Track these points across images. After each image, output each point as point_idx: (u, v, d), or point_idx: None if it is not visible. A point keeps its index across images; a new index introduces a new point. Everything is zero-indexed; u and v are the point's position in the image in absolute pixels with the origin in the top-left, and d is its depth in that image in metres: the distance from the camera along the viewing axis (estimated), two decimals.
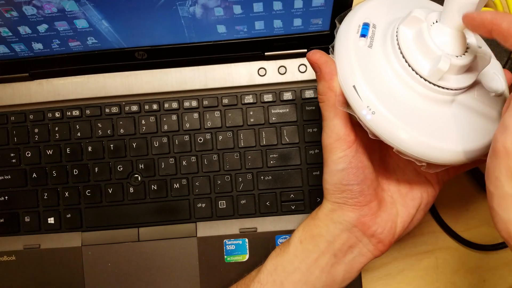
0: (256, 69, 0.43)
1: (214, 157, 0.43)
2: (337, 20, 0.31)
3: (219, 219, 0.43)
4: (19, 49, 0.41)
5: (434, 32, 0.27)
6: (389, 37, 0.28)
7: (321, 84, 0.31)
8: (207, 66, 0.44)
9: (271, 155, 0.43)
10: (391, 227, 0.33)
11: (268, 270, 0.34)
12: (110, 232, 0.43)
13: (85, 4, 0.36)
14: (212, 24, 0.39)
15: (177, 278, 0.42)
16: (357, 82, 0.27)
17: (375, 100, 0.27)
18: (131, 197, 0.43)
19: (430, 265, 0.44)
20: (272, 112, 0.43)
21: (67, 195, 0.43)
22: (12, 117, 0.44)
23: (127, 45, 0.41)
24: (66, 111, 0.44)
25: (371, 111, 0.27)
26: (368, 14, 0.30)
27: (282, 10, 0.38)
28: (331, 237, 0.32)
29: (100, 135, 0.43)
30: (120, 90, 0.44)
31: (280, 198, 0.42)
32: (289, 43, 0.42)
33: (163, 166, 0.43)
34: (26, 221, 0.43)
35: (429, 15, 0.27)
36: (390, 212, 0.33)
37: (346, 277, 0.33)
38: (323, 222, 0.33)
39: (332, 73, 0.30)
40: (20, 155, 0.44)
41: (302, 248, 0.33)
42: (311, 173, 0.42)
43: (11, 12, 0.37)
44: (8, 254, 0.43)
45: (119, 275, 0.42)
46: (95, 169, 0.43)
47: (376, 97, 0.27)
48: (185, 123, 0.43)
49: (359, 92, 0.27)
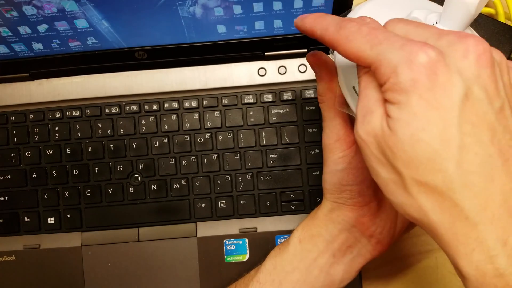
0: (256, 69, 0.43)
1: (214, 157, 0.43)
2: None
3: (219, 219, 0.43)
4: (19, 49, 0.41)
5: None
6: None
7: (320, 85, 0.31)
8: (207, 66, 0.44)
9: (271, 155, 0.43)
10: (390, 227, 0.33)
11: (267, 269, 0.34)
12: (110, 232, 0.43)
13: (85, 4, 0.36)
14: (212, 24, 0.39)
15: (177, 278, 0.42)
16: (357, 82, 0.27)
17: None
18: (131, 197, 0.43)
19: (430, 265, 0.44)
20: (272, 112, 0.43)
21: (67, 195, 0.43)
22: (12, 117, 0.44)
23: (127, 45, 0.41)
24: (66, 111, 0.44)
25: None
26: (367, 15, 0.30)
27: (282, 10, 0.38)
28: (330, 237, 0.32)
29: (100, 135, 0.43)
30: (120, 90, 0.44)
31: (280, 198, 0.42)
32: (289, 43, 0.42)
33: (163, 166, 0.43)
34: (26, 221, 0.43)
35: (429, 16, 0.27)
36: (389, 213, 0.33)
37: (345, 277, 0.33)
38: (322, 222, 0.33)
39: (332, 74, 0.30)
40: (20, 155, 0.44)
41: (301, 247, 0.33)
42: (311, 173, 0.42)
43: (11, 12, 0.37)
44: (8, 254, 0.43)
45: (119, 275, 0.42)
46: (95, 169, 0.43)
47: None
48: (185, 123, 0.43)
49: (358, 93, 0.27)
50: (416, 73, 0.20)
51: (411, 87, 0.20)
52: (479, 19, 0.42)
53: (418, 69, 0.20)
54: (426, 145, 0.20)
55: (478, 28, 0.42)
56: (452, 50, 0.21)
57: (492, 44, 0.41)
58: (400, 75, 0.21)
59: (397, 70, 0.21)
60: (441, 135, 0.20)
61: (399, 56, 0.21)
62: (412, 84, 0.20)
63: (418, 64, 0.20)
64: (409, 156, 0.21)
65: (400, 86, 0.21)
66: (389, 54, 0.21)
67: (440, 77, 0.20)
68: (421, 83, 0.20)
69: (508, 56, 0.41)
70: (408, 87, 0.20)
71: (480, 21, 0.42)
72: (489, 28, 0.42)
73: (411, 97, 0.20)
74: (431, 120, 0.20)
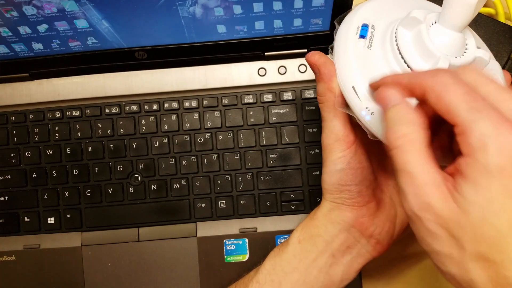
0: (256, 69, 0.43)
1: (214, 157, 0.43)
2: (336, 21, 0.31)
3: (219, 219, 0.43)
4: (19, 49, 0.41)
5: (433, 33, 0.27)
6: (388, 38, 0.28)
7: (320, 85, 0.31)
8: (207, 66, 0.44)
9: (271, 155, 0.43)
10: (389, 228, 0.33)
11: (266, 270, 0.34)
12: (110, 232, 0.43)
13: (85, 4, 0.36)
14: (212, 24, 0.39)
15: (177, 278, 0.42)
16: (356, 83, 0.28)
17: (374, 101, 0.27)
18: (131, 197, 0.43)
19: (430, 265, 0.44)
20: (272, 112, 0.43)
21: (67, 195, 0.43)
22: (12, 117, 0.44)
23: (127, 45, 0.41)
24: (66, 111, 0.44)
25: (370, 112, 0.27)
26: (367, 15, 0.30)
27: (282, 10, 0.38)
28: (329, 237, 0.32)
29: (100, 135, 0.43)
30: (120, 90, 0.44)
31: (280, 198, 0.42)
32: (289, 43, 0.42)
33: (163, 166, 0.43)
34: (26, 221, 0.43)
35: (428, 16, 0.27)
36: (388, 213, 0.33)
37: (345, 278, 0.33)
38: (321, 222, 0.33)
39: (331, 74, 0.30)
40: (20, 155, 0.44)
41: (301, 248, 0.33)
42: (311, 173, 0.42)
43: (11, 12, 0.37)
44: (8, 254, 0.43)
45: (119, 275, 0.42)
46: (95, 169, 0.43)
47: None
48: (185, 123, 0.43)
49: (358, 93, 0.27)
50: (505, 161, 0.20)
51: (496, 172, 0.20)
52: (479, 19, 0.42)
53: (507, 156, 0.20)
54: (495, 229, 0.21)
55: (478, 28, 0.41)
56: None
57: (492, 44, 0.41)
58: (489, 156, 0.20)
59: (487, 148, 0.20)
60: (510, 221, 0.21)
61: (494, 134, 0.20)
62: (498, 171, 0.20)
63: (508, 152, 0.20)
64: (477, 235, 0.21)
65: (485, 168, 0.21)
66: (485, 127, 0.21)
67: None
68: (507, 172, 0.20)
69: (508, 57, 0.41)
70: (493, 172, 0.20)
71: (480, 21, 0.42)
72: (489, 28, 0.42)
73: (492, 183, 0.20)
74: (505, 208, 0.20)
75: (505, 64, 0.41)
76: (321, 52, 0.32)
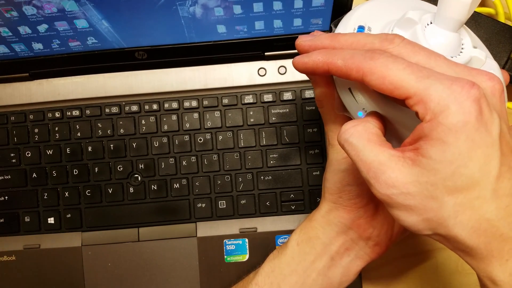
0: (256, 69, 0.43)
1: (214, 157, 0.43)
2: (333, 24, 0.31)
3: (219, 219, 0.43)
4: (19, 49, 0.41)
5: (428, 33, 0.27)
6: None
7: (317, 90, 0.31)
8: (207, 66, 0.44)
9: (271, 155, 0.43)
10: (387, 230, 0.33)
11: (265, 272, 0.34)
12: (110, 232, 0.43)
13: (85, 4, 0.36)
14: (212, 24, 0.39)
15: (177, 278, 0.42)
16: (352, 84, 0.27)
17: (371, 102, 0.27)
18: (131, 197, 0.43)
19: (430, 265, 0.44)
20: (272, 112, 0.43)
21: (67, 195, 0.43)
22: (12, 117, 0.44)
23: (127, 45, 0.41)
24: (66, 111, 0.44)
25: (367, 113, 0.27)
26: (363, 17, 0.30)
27: (282, 10, 0.38)
28: (327, 239, 0.32)
29: (100, 135, 0.43)
30: (120, 90, 0.44)
31: (280, 198, 0.42)
32: (289, 43, 0.42)
33: (163, 166, 0.43)
34: (26, 221, 0.43)
35: (423, 16, 0.27)
36: (386, 215, 0.33)
37: (343, 280, 0.33)
38: (319, 224, 0.33)
39: (327, 78, 0.30)
40: (20, 155, 0.44)
41: (299, 250, 0.33)
42: (311, 173, 0.42)
43: (11, 12, 0.37)
44: (8, 254, 0.43)
45: (119, 275, 0.42)
46: (95, 169, 0.43)
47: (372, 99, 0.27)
48: (185, 123, 0.43)
49: (354, 95, 0.27)
50: (467, 115, 0.21)
51: (460, 128, 0.21)
52: (479, 19, 0.42)
53: (469, 110, 0.21)
54: (467, 178, 0.21)
55: (478, 28, 0.41)
56: (484, 87, 0.22)
57: (492, 44, 0.41)
58: (451, 115, 0.21)
59: (448, 109, 0.21)
60: (481, 169, 0.21)
61: (449, 95, 0.21)
62: (463, 126, 0.21)
63: (469, 105, 0.21)
64: (450, 188, 0.21)
65: (450, 127, 0.21)
66: (440, 91, 0.21)
67: (484, 117, 0.21)
68: (471, 125, 0.21)
69: (507, 57, 0.41)
70: (458, 128, 0.21)
71: (480, 21, 0.42)
72: (489, 28, 0.42)
73: (459, 138, 0.21)
74: (474, 157, 0.21)
75: (505, 64, 0.41)
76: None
